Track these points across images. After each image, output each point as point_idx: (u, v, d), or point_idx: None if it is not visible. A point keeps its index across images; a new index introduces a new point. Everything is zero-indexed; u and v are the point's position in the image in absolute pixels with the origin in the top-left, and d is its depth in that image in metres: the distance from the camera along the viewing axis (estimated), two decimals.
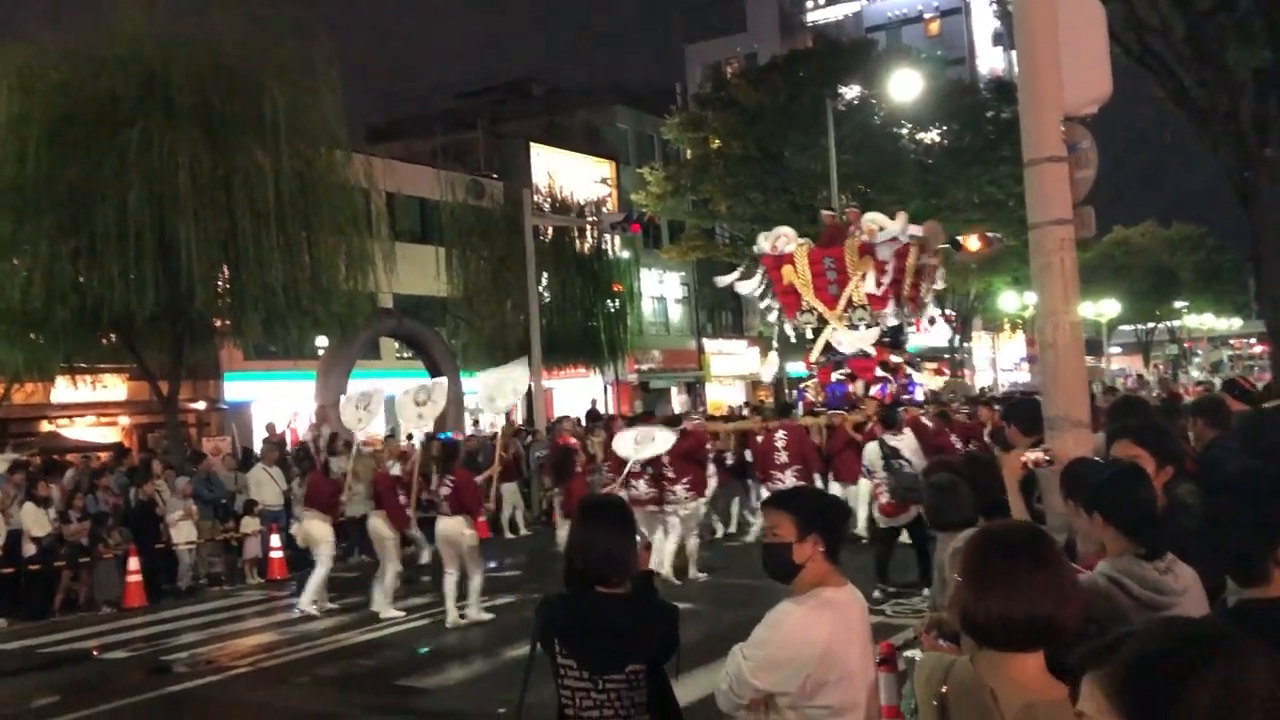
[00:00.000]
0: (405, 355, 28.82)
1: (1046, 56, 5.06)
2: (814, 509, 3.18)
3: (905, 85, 26.43)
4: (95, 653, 10.58)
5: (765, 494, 13.53)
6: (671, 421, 13.84)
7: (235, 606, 12.88)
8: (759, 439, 14.19)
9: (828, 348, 18.05)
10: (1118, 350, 68.43)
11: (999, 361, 61.84)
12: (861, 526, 13.01)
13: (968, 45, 62.82)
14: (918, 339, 56.03)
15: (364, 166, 19.85)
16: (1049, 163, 5.00)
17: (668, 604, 3.47)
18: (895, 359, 17.97)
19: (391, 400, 13.51)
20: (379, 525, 11.49)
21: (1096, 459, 4.06)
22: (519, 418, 25.02)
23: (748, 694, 3.03)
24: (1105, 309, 51.55)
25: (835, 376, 17.59)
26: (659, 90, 45.54)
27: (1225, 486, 2.39)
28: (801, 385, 18.80)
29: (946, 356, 48.98)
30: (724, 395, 41.46)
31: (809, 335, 18.36)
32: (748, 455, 14.81)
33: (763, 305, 19.27)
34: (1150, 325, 65.82)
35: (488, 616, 10.70)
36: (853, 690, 3.03)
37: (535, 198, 26.79)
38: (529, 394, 27.21)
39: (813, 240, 18.52)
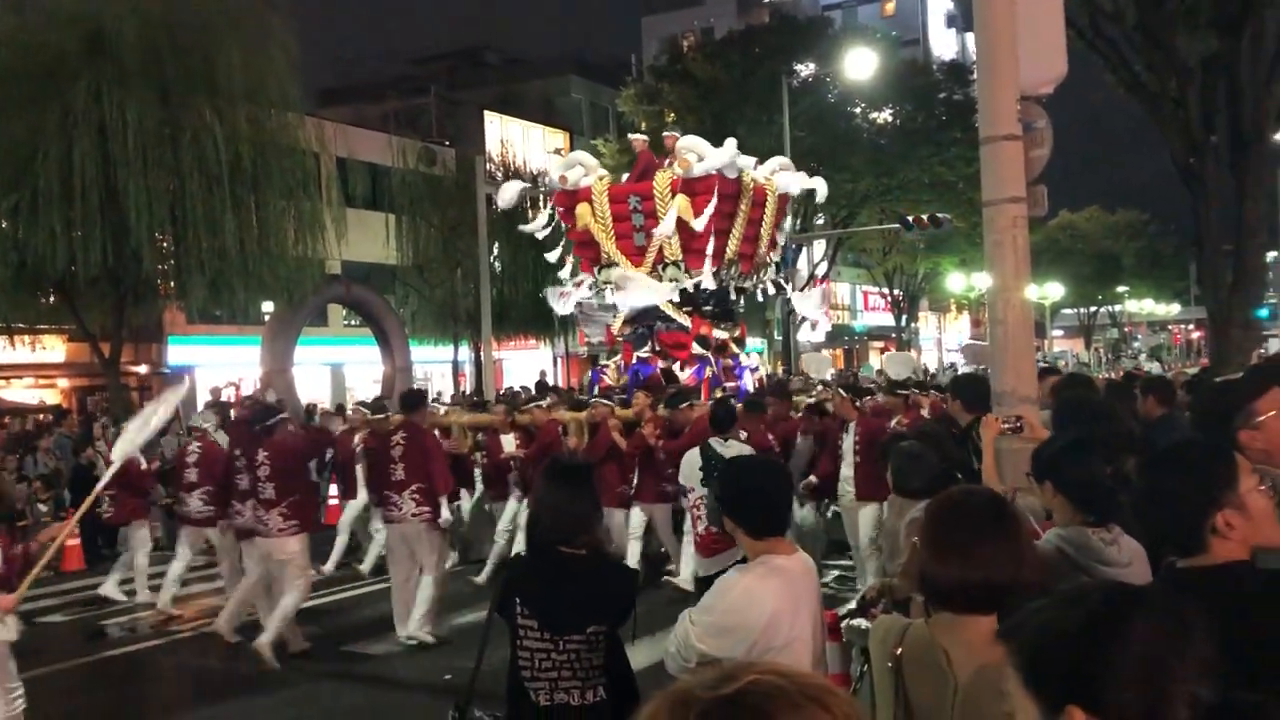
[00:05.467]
0: (353, 322, 28.54)
1: (1004, 34, 5.10)
2: (724, 498, 3.24)
3: (860, 64, 26.52)
4: (32, 616, 10.42)
5: (379, 521, 10.18)
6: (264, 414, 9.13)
7: None
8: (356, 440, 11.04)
9: (632, 317, 13.91)
10: (1060, 333, 69.55)
11: (944, 342, 62.65)
12: (633, 559, 10.02)
13: (921, 26, 63.16)
14: (868, 317, 55.79)
15: (315, 130, 19.57)
16: (1004, 140, 5.04)
17: (627, 565, 3.52)
18: (720, 334, 13.83)
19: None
20: None
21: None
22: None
23: (694, 658, 3.06)
24: (1049, 292, 52.34)
25: (640, 354, 13.62)
26: (615, 62, 45.32)
27: (1162, 459, 2.43)
28: (600, 365, 14.78)
29: (893, 336, 49.50)
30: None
31: (608, 298, 14.04)
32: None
33: (553, 256, 15.15)
34: (1093, 309, 66.94)
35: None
36: (799, 657, 3.06)
37: (488, 166, 26.57)
38: (478, 364, 27.14)
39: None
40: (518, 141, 34.21)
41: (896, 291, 45.63)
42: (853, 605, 4.34)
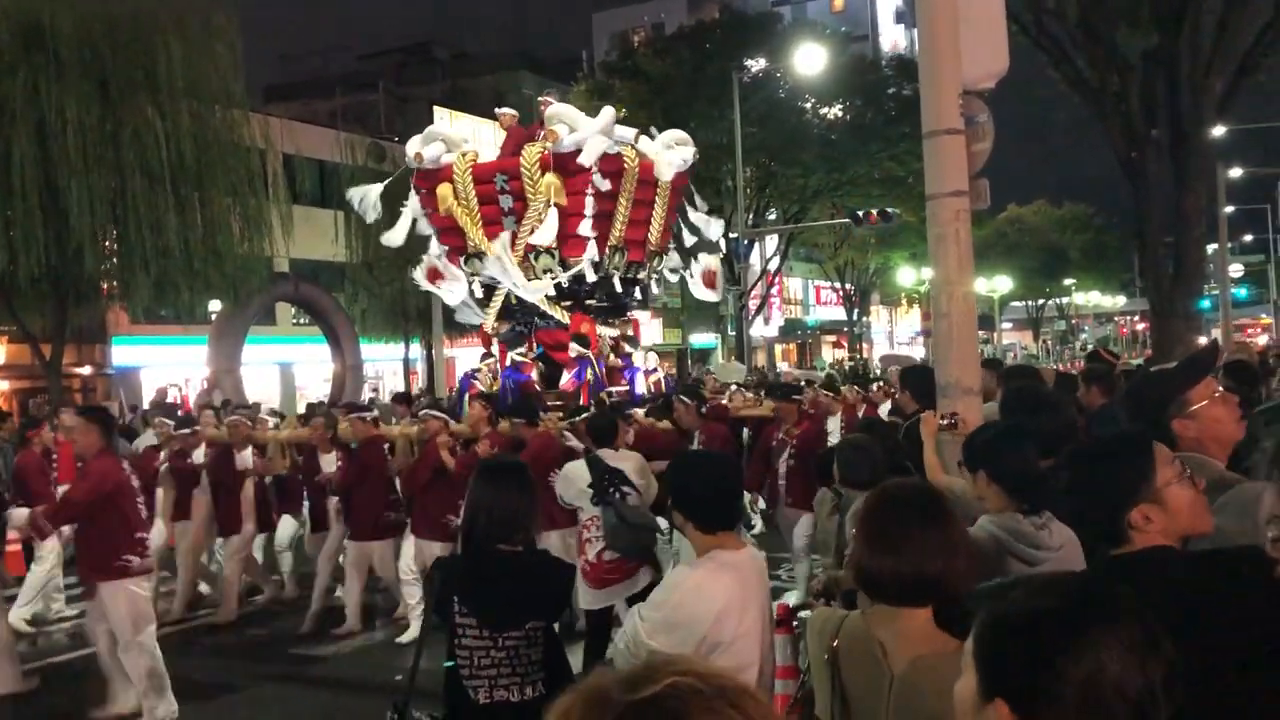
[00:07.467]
0: (301, 321, 28.25)
1: (946, 30, 5.14)
2: (675, 492, 3.20)
3: (810, 60, 26.64)
4: None
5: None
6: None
7: None
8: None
9: (507, 312, 11.99)
10: (1009, 325, 70.46)
11: (896, 335, 63.25)
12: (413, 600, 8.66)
13: (871, 22, 63.65)
14: (820, 311, 56.10)
15: (261, 126, 19.35)
16: (947, 135, 5.09)
17: (563, 560, 3.51)
18: (608, 331, 11.96)
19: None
20: None
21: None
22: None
23: (644, 654, 3.05)
24: (998, 285, 53.01)
25: (515, 356, 11.68)
26: (565, 58, 45.21)
27: (1081, 455, 2.46)
28: (472, 369, 12.53)
29: (845, 330, 49.86)
30: None
31: (478, 293, 12.13)
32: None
33: (397, 239, 12.96)
34: (1041, 301, 67.87)
35: None
36: (748, 651, 3.07)
37: None
38: (430, 362, 26.94)
39: None
40: (468, 137, 34.05)
41: (848, 286, 46.00)
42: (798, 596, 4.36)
